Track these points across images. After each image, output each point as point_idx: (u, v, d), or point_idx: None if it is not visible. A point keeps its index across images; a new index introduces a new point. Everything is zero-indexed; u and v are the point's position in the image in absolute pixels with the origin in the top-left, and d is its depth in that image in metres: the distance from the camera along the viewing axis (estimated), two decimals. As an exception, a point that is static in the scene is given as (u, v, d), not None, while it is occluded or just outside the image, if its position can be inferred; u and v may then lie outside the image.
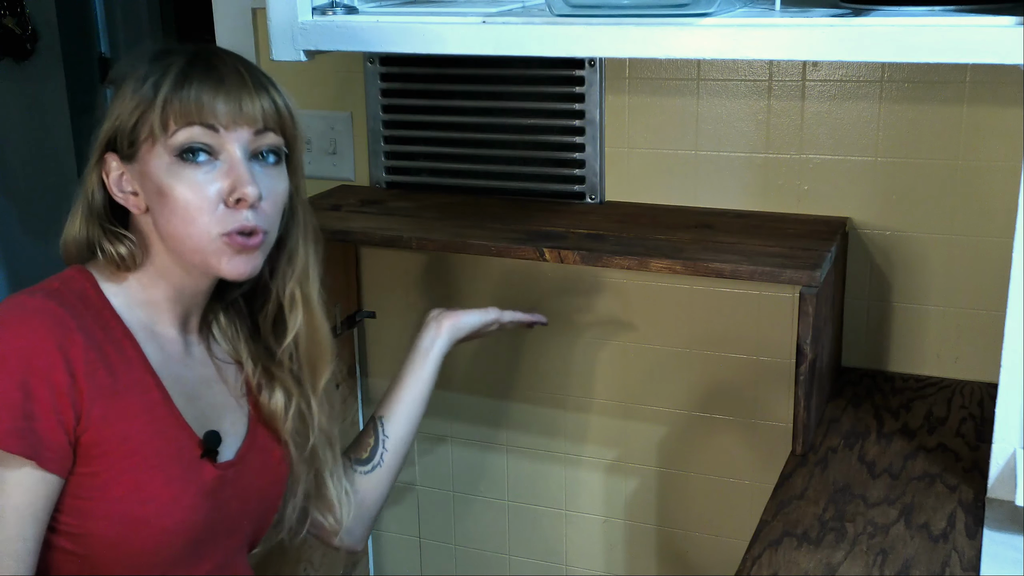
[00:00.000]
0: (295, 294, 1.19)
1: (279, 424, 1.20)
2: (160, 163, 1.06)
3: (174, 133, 1.05)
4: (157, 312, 1.12)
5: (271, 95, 1.10)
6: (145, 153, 1.06)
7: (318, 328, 1.21)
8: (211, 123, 1.05)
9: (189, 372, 1.14)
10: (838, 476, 1.35)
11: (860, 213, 1.60)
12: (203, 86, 1.06)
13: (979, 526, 1.22)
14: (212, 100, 1.05)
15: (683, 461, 1.80)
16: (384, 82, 1.83)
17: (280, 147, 1.11)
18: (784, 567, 1.17)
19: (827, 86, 1.58)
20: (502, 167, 1.79)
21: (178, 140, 1.05)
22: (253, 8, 1.87)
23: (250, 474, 1.16)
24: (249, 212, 1.07)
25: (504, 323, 1.47)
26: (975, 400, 1.54)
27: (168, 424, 1.07)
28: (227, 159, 1.07)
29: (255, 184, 1.06)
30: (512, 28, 1.27)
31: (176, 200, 1.06)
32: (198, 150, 1.06)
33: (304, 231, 1.19)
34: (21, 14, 3.08)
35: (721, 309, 1.70)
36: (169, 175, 1.06)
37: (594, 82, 1.69)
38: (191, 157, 1.06)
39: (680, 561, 1.85)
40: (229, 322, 1.21)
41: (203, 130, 1.05)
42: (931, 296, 1.59)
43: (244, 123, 1.07)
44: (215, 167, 1.06)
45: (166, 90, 1.05)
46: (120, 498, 1.03)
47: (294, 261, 1.18)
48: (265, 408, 1.19)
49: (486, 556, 2.01)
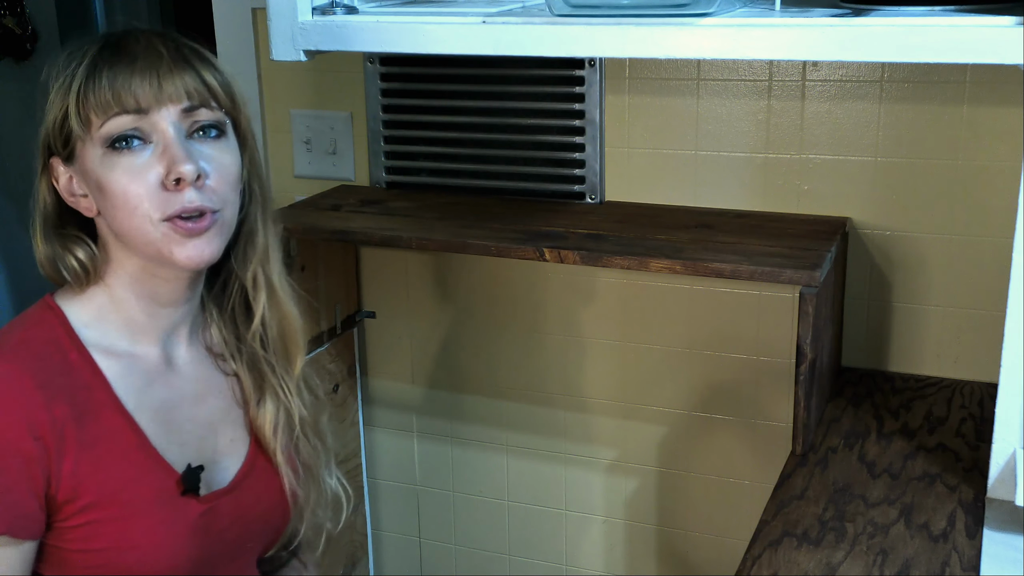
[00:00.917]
0: (257, 276, 1.12)
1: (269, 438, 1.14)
2: (94, 157, 1.00)
3: (100, 126, 0.99)
4: (137, 330, 1.06)
5: (196, 69, 1.02)
6: (79, 151, 1.01)
7: (284, 310, 1.14)
8: (133, 107, 0.99)
9: (174, 393, 1.09)
10: (838, 476, 1.35)
11: (860, 213, 1.60)
12: (115, 71, 0.99)
13: (979, 526, 1.22)
14: (127, 83, 0.99)
15: (683, 461, 1.80)
16: (384, 82, 1.83)
17: (219, 120, 1.04)
18: (784, 567, 1.17)
19: (827, 86, 1.58)
20: (502, 167, 1.79)
21: (105, 131, 0.99)
22: (253, 8, 1.87)
23: (250, 498, 1.12)
24: (193, 192, 0.99)
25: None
26: (975, 400, 1.54)
27: (145, 467, 1.02)
28: (160, 140, 1.00)
29: (192, 161, 0.99)
30: (512, 28, 1.27)
31: (114, 192, 0.99)
32: (129, 137, 0.99)
33: (263, 209, 1.12)
34: (21, 14, 3.08)
35: (721, 309, 1.70)
36: (104, 167, 1.00)
37: (594, 82, 1.69)
38: (123, 145, 0.99)
39: (680, 561, 1.85)
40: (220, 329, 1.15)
41: (128, 117, 0.99)
42: (931, 296, 1.59)
43: (168, 101, 1.00)
44: (148, 151, 1.00)
45: (79, 82, 0.99)
46: (102, 549, 1.00)
47: (254, 241, 1.12)
48: (256, 422, 1.14)
49: (486, 556, 2.01)
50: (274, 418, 1.14)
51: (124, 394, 1.04)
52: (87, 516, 0.99)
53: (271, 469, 1.15)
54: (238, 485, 1.11)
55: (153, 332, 1.08)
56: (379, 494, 2.06)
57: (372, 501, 2.06)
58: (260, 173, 1.13)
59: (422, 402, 1.97)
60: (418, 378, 1.95)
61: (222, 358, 1.15)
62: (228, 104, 1.05)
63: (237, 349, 1.15)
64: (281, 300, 1.14)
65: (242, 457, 1.13)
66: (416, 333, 1.93)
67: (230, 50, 1.90)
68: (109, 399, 1.02)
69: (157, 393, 1.07)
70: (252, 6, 1.87)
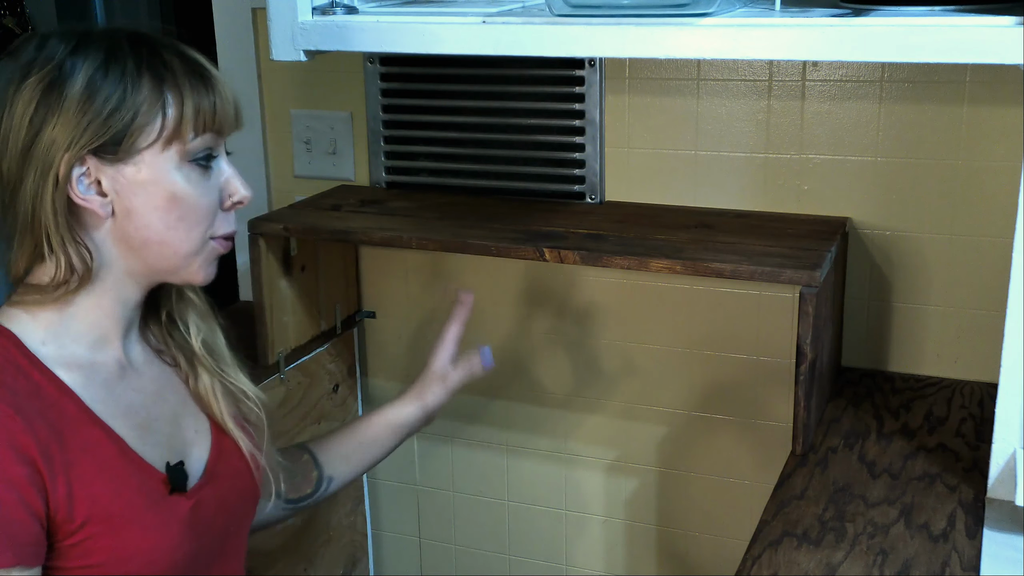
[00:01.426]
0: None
1: (214, 410, 1.15)
2: (167, 166, 1.02)
3: (192, 139, 1.03)
4: (102, 336, 1.05)
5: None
6: (144, 155, 1.01)
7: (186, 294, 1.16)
8: (220, 129, 1.05)
9: (139, 395, 1.08)
10: (838, 476, 1.35)
11: (860, 213, 1.60)
12: (210, 90, 1.04)
13: (979, 526, 1.22)
14: (223, 106, 1.05)
15: (683, 461, 1.80)
16: (384, 82, 1.83)
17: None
18: (784, 567, 1.17)
19: (827, 86, 1.58)
20: (502, 167, 1.79)
21: (196, 146, 1.03)
22: (253, 8, 1.87)
23: (226, 482, 1.13)
24: (233, 215, 1.09)
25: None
26: (975, 400, 1.54)
27: (128, 473, 1.02)
28: (219, 163, 1.07)
29: (249, 188, 1.09)
30: (512, 28, 1.27)
31: (187, 203, 1.04)
32: (210, 156, 1.06)
33: None
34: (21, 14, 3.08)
35: (721, 309, 1.70)
36: (181, 178, 1.03)
37: (594, 82, 1.69)
38: (204, 163, 1.05)
39: (680, 561, 1.85)
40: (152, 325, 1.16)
41: (214, 137, 1.05)
42: (931, 296, 1.59)
43: (233, 125, 1.08)
44: (213, 171, 1.07)
45: (182, 93, 1.01)
46: (101, 563, 1.00)
47: None
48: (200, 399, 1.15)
49: (486, 556, 2.01)
50: (211, 386, 1.15)
51: (93, 404, 1.02)
52: (83, 533, 0.98)
53: (231, 448, 1.16)
54: (213, 472, 1.12)
55: (115, 336, 1.07)
56: (379, 494, 2.06)
57: (372, 501, 2.06)
58: None
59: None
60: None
61: (160, 351, 1.15)
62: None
63: (167, 337, 1.16)
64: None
65: (208, 443, 1.14)
66: (416, 333, 1.93)
67: (230, 50, 1.90)
68: (81, 412, 1.01)
69: (123, 397, 1.06)
70: (252, 6, 1.87)
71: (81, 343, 1.04)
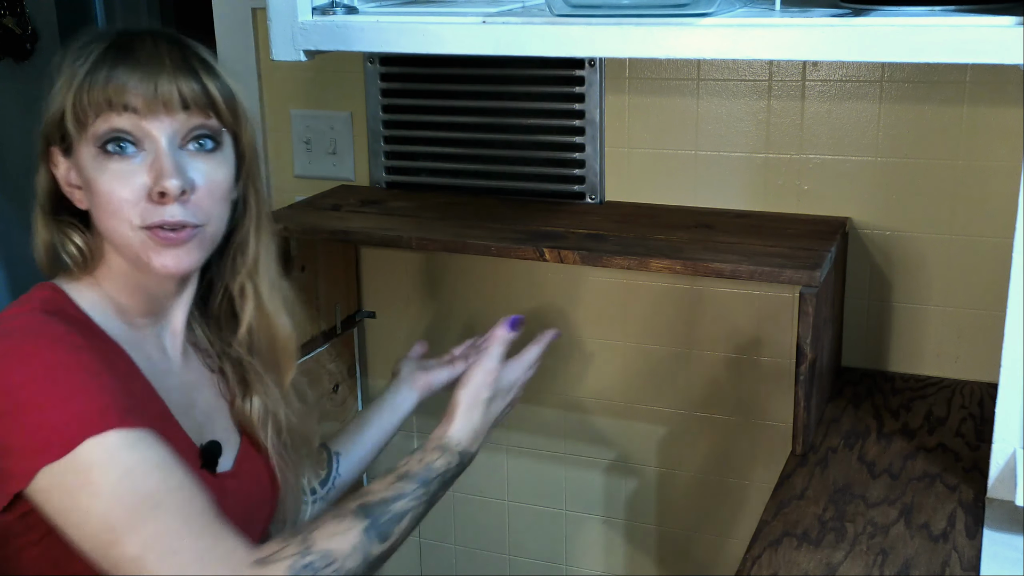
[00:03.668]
0: (245, 287, 1.13)
1: (259, 433, 1.16)
2: (87, 155, 1.01)
3: (94, 122, 0.99)
4: (132, 320, 1.07)
5: (199, 76, 1.02)
6: (76, 145, 1.02)
7: (273, 323, 1.15)
8: (126, 107, 0.99)
9: (175, 380, 1.10)
10: (838, 476, 1.35)
11: (860, 213, 1.60)
12: (116, 69, 0.99)
13: (979, 526, 1.22)
14: (125, 82, 0.99)
15: (683, 461, 1.80)
16: (384, 82, 1.83)
17: (215, 131, 1.04)
18: (784, 567, 1.17)
19: (827, 86, 1.58)
20: (502, 167, 1.79)
21: (99, 130, 0.99)
22: (253, 8, 1.87)
23: (249, 485, 1.14)
24: (176, 207, 1.00)
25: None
26: (975, 400, 1.54)
27: (170, 435, 1.02)
28: (151, 148, 1.00)
29: (179, 176, 0.99)
30: (512, 28, 1.27)
31: (101, 195, 1.00)
32: (122, 140, 1.00)
33: (257, 222, 1.13)
34: (21, 14, 3.08)
35: (721, 309, 1.70)
36: (94, 168, 1.00)
37: (594, 82, 1.69)
38: (116, 148, 1.00)
39: (680, 561, 1.85)
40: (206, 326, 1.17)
41: (120, 116, 0.99)
42: (931, 296, 1.59)
43: (163, 106, 1.00)
44: (140, 158, 1.00)
45: (80, 76, 1.00)
46: None
47: (245, 252, 1.12)
48: (243, 416, 1.16)
49: (486, 556, 2.01)
50: (261, 415, 1.16)
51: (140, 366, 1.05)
52: None
53: (261, 462, 1.17)
54: (238, 470, 1.13)
55: (146, 323, 1.09)
56: (379, 494, 2.06)
57: (372, 501, 2.06)
58: (258, 187, 1.13)
59: (422, 402, 1.96)
60: (418, 378, 1.95)
61: (207, 354, 1.17)
62: (229, 117, 1.05)
63: (222, 349, 1.17)
64: (269, 313, 1.14)
65: (236, 446, 1.15)
66: (416, 333, 1.93)
67: (230, 50, 1.90)
68: (133, 366, 1.04)
69: (162, 379, 1.08)
70: (252, 6, 1.87)
71: (117, 319, 1.06)
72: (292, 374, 1.18)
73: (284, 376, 1.18)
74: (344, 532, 0.98)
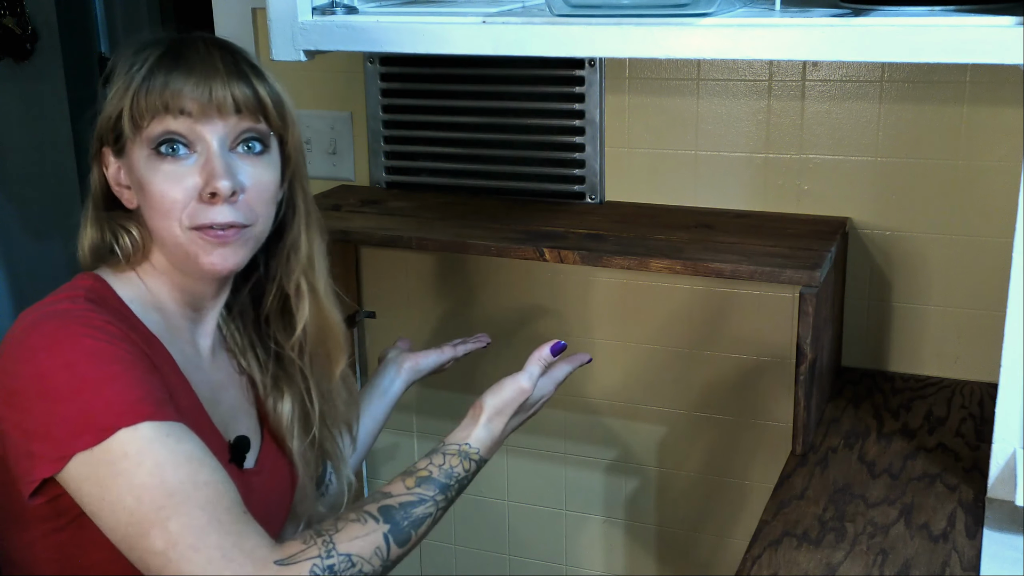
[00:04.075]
0: (301, 285, 1.16)
1: (286, 435, 1.18)
2: (140, 156, 1.04)
3: (149, 125, 1.02)
4: (169, 316, 1.09)
5: (251, 81, 1.06)
6: (129, 147, 1.04)
7: (328, 317, 1.18)
8: (181, 111, 1.02)
9: (207, 376, 1.12)
10: (838, 476, 1.35)
11: (860, 213, 1.60)
12: (172, 74, 1.02)
13: (979, 526, 1.22)
14: (181, 87, 1.02)
15: (683, 461, 1.80)
16: (384, 82, 1.83)
17: (264, 134, 1.07)
18: (784, 567, 1.17)
19: (827, 86, 1.58)
20: (502, 167, 1.79)
21: (153, 132, 1.02)
22: (253, 8, 1.87)
23: (270, 484, 1.15)
24: (225, 208, 1.03)
25: (459, 357, 1.46)
26: (975, 400, 1.54)
27: (201, 427, 1.04)
28: (203, 151, 1.03)
29: (230, 177, 1.03)
30: (512, 28, 1.27)
31: (153, 195, 1.03)
32: (175, 143, 1.02)
33: (307, 221, 1.17)
34: (21, 14, 3.08)
35: (721, 309, 1.70)
36: (147, 169, 1.03)
37: (594, 82, 1.69)
38: (168, 150, 1.03)
39: (680, 561, 1.85)
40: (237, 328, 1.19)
41: (176, 119, 1.02)
42: (931, 296, 1.59)
43: (216, 110, 1.03)
44: (192, 160, 1.03)
45: (137, 81, 1.03)
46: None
47: (298, 251, 1.16)
48: (272, 418, 1.18)
49: (486, 556, 2.01)
50: (289, 419, 1.18)
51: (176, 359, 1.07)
52: None
53: (282, 463, 1.19)
54: (261, 468, 1.15)
55: (183, 321, 1.11)
56: (379, 494, 2.06)
57: (372, 501, 2.06)
58: (305, 188, 1.17)
59: (422, 402, 1.97)
60: (418, 378, 1.95)
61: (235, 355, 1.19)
62: (277, 121, 1.09)
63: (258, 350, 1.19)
64: (325, 307, 1.18)
65: (258, 445, 1.17)
66: (416, 333, 1.93)
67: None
68: (169, 359, 1.06)
69: (193, 373, 1.10)
70: (252, 6, 1.87)
71: (159, 314, 1.08)
72: (343, 366, 1.21)
73: (336, 368, 1.20)
74: (366, 535, 0.98)
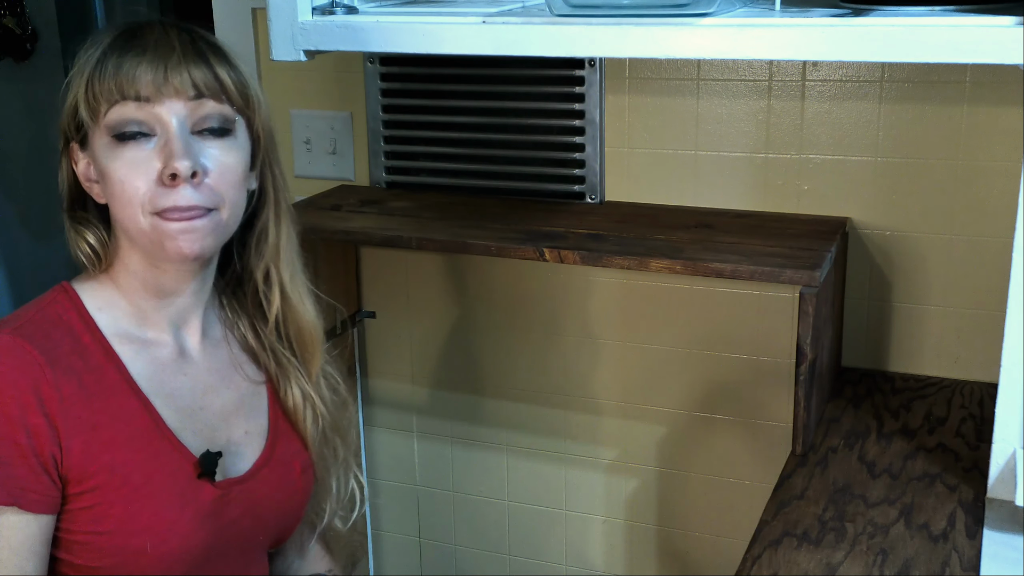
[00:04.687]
0: (270, 273, 1.13)
1: (300, 421, 1.16)
2: (100, 145, 1.01)
3: (107, 112, 1.00)
4: (146, 319, 1.07)
5: (208, 63, 1.02)
6: (91, 136, 1.02)
7: (296, 309, 1.15)
8: (136, 96, 0.99)
9: (189, 382, 1.09)
10: (838, 476, 1.35)
11: (860, 213, 1.60)
12: (124, 57, 0.99)
13: (979, 526, 1.22)
14: (133, 71, 0.99)
15: (683, 461, 1.80)
16: (384, 82, 1.83)
17: (227, 116, 1.03)
18: (784, 567, 1.17)
19: (827, 86, 1.58)
20: (502, 167, 1.79)
21: (111, 120, 1.00)
22: (253, 8, 1.87)
23: (266, 488, 1.12)
24: (188, 190, 1.00)
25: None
26: (975, 400, 1.54)
27: (159, 449, 1.03)
28: (163, 133, 1.00)
29: (189, 157, 0.99)
30: (512, 28, 1.27)
31: (114, 183, 1.00)
32: (134, 128, 1.00)
33: (276, 209, 1.13)
34: (21, 14, 3.08)
35: (721, 309, 1.70)
36: (107, 157, 1.01)
37: (594, 82, 1.69)
38: (127, 137, 1.00)
39: (680, 561, 1.85)
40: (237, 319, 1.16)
41: (131, 106, 0.99)
42: (931, 296, 1.59)
43: (174, 92, 1.00)
44: (152, 143, 1.00)
45: (90, 67, 1.00)
46: (113, 531, 0.99)
47: (267, 239, 1.13)
48: (284, 406, 1.16)
49: (486, 556, 2.01)
50: (298, 403, 1.16)
51: (139, 378, 1.05)
52: (95, 498, 0.99)
53: (288, 463, 1.16)
54: (253, 476, 1.11)
55: (162, 321, 1.08)
56: (379, 494, 2.06)
57: (372, 501, 2.06)
58: (276, 173, 1.13)
59: (422, 402, 1.97)
60: (418, 378, 1.95)
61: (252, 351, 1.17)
62: (240, 102, 1.05)
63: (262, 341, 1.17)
64: (293, 302, 1.16)
65: (258, 450, 1.14)
66: (416, 333, 1.93)
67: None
68: (123, 381, 1.03)
69: (171, 380, 1.08)
70: (252, 6, 1.87)
71: (129, 319, 1.06)
72: (319, 363, 1.19)
73: (311, 365, 1.18)
74: None
